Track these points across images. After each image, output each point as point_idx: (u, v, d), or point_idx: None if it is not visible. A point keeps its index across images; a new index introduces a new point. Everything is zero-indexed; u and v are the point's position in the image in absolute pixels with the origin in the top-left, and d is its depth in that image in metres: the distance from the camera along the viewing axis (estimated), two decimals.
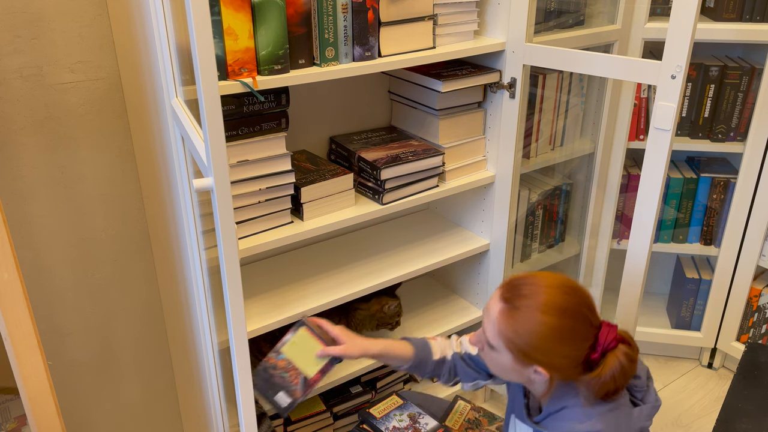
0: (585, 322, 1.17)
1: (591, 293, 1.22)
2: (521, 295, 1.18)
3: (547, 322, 1.15)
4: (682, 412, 2.13)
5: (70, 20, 1.43)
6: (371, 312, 1.73)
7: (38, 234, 1.55)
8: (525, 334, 1.16)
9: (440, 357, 1.48)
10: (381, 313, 1.73)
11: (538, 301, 1.16)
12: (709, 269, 2.28)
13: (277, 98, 1.43)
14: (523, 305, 1.17)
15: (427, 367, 1.47)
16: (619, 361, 1.15)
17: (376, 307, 1.73)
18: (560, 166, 2.13)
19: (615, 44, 1.92)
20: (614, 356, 1.16)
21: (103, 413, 1.79)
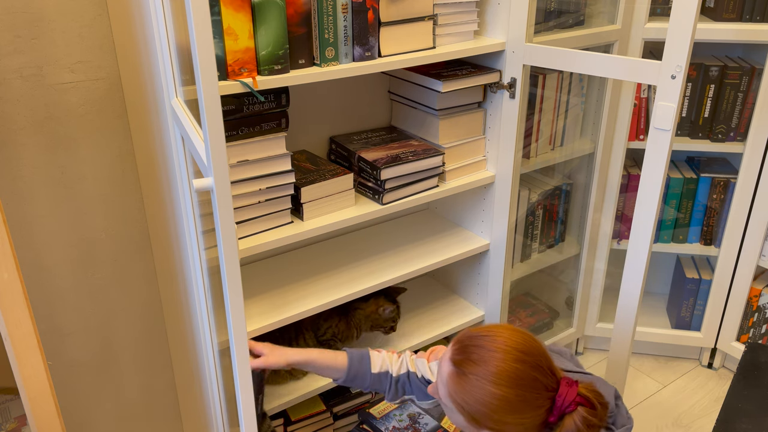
0: (539, 389, 1.11)
1: (545, 350, 1.16)
2: (471, 360, 1.13)
3: (497, 395, 1.10)
4: (682, 412, 2.13)
5: (70, 20, 1.43)
6: (367, 312, 1.73)
7: (38, 234, 1.55)
8: (474, 403, 1.11)
9: (381, 371, 1.40)
10: (375, 315, 1.72)
11: (488, 371, 1.10)
12: (709, 269, 2.28)
13: (277, 98, 1.43)
14: (473, 373, 1.12)
15: (365, 380, 1.40)
16: (576, 425, 1.09)
17: (372, 308, 1.72)
18: (560, 166, 2.13)
19: (615, 44, 1.92)
20: (571, 419, 1.10)
21: (103, 413, 1.79)
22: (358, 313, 1.73)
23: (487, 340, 1.14)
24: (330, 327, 1.72)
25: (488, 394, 1.10)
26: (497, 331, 1.15)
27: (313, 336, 1.72)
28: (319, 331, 1.73)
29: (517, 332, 1.15)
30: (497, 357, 1.11)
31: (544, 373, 1.12)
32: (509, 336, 1.14)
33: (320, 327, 1.73)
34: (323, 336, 1.73)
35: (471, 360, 1.13)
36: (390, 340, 1.84)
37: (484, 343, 1.13)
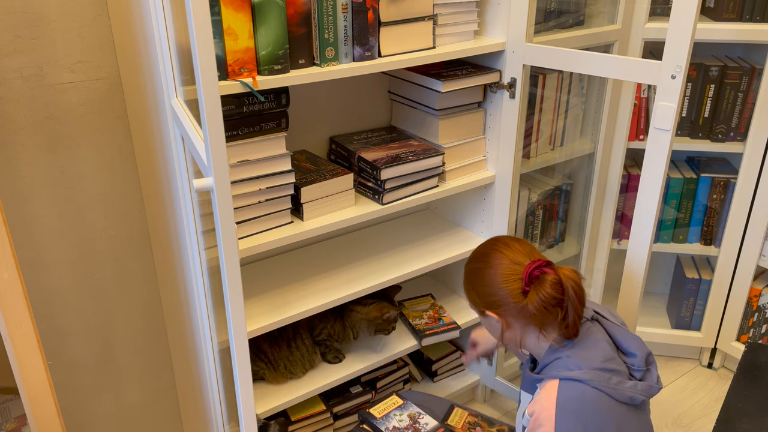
0: (503, 260, 1.31)
1: (529, 242, 1.39)
2: (468, 259, 1.42)
3: (469, 269, 1.39)
4: (682, 412, 2.13)
5: (70, 20, 1.43)
6: (370, 317, 1.72)
7: (38, 234, 1.55)
8: (466, 286, 1.39)
9: None
10: (380, 320, 1.72)
11: (472, 257, 1.41)
12: (709, 269, 2.28)
13: (277, 98, 1.43)
14: (466, 265, 1.42)
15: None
16: (539, 290, 1.25)
17: (376, 314, 1.71)
18: (560, 166, 2.13)
19: (615, 44, 1.92)
20: (535, 286, 1.27)
21: (103, 413, 1.79)
22: (354, 315, 1.72)
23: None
24: (325, 328, 1.72)
25: (465, 271, 1.40)
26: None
27: (309, 336, 1.72)
28: (315, 332, 1.73)
29: (510, 237, 1.41)
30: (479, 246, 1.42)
31: (513, 249, 1.33)
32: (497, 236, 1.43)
33: (315, 327, 1.72)
34: (318, 336, 1.73)
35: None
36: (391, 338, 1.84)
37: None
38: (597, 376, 1.22)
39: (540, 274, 1.26)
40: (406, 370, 2.01)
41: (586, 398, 1.21)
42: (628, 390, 1.23)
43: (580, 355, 1.26)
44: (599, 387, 1.21)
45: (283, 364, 1.67)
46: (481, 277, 1.34)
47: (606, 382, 1.22)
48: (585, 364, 1.24)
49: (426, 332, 1.84)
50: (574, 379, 1.22)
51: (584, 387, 1.22)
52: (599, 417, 1.21)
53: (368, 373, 1.92)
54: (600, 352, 1.26)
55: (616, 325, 1.35)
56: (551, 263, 1.29)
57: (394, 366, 1.99)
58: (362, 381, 1.92)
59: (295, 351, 1.69)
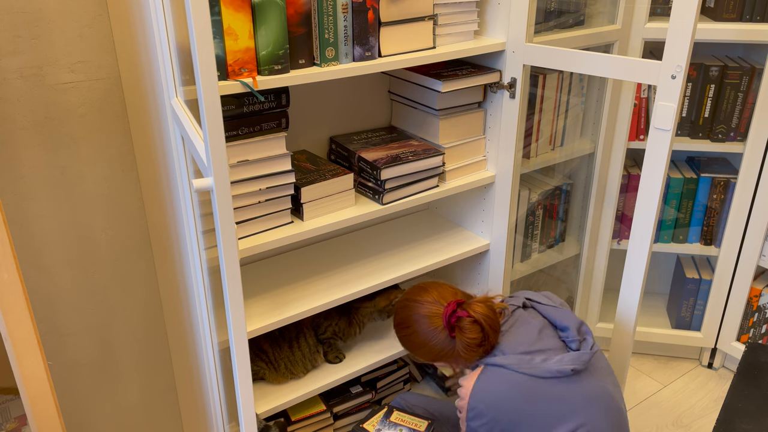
0: (422, 321, 1.44)
1: (442, 283, 1.51)
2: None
3: (400, 337, 1.51)
4: (682, 412, 2.13)
5: (70, 20, 1.43)
6: (380, 307, 1.77)
7: (38, 234, 1.55)
8: (408, 350, 1.52)
9: None
10: (390, 306, 1.78)
11: (395, 324, 1.53)
12: (709, 269, 2.28)
13: (277, 98, 1.43)
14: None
15: None
16: (460, 337, 1.40)
17: (384, 303, 1.77)
18: (560, 166, 2.13)
19: (615, 44, 1.92)
20: (458, 332, 1.41)
21: (103, 413, 1.80)
22: (363, 310, 1.75)
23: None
24: (330, 325, 1.73)
25: (400, 340, 1.52)
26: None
27: (313, 335, 1.72)
28: (320, 330, 1.73)
29: (414, 289, 1.52)
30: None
31: (429, 306, 1.45)
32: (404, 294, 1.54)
33: (320, 325, 1.73)
34: (323, 334, 1.73)
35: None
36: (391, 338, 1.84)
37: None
38: (518, 360, 1.36)
39: (456, 320, 1.40)
40: (406, 370, 2.01)
41: (505, 380, 1.36)
42: (554, 365, 1.35)
43: (504, 344, 1.41)
44: (520, 370, 1.35)
45: (284, 364, 1.67)
46: (413, 342, 1.47)
47: (527, 364, 1.36)
48: (510, 350, 1.39)
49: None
50: (496, 364, 1.38)
51: (504, 371, 1.37)
52: (515, 394, 1.35)
53: (368, 373, 1.92)
54: (523, 337, 1.41)
55: (550, 306, 1.49)
56: (461, 302, 1.43)
57: (394, 366, 1.99)
58: (362, 381, 1.92)
59: (297, 351, 1.69)
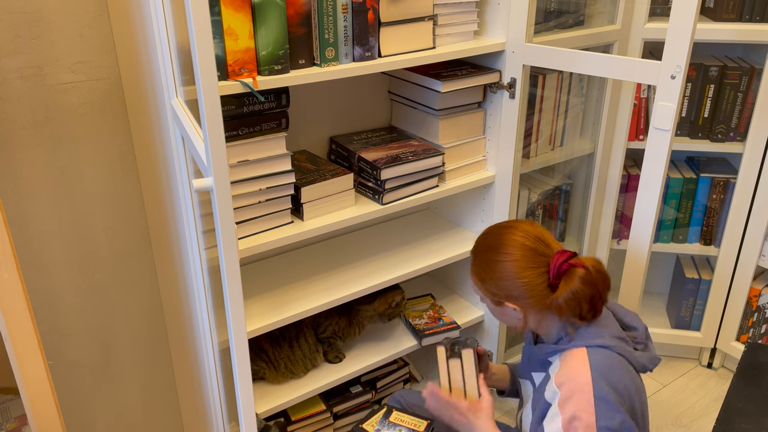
0: (524, 251, 1.27)
1: (540, 225, 1.34)
2: (475, 246, 1.37)
3: (482, 259, 1.32)
4: (682, 412, 2.13)
5: (70, 20, 1.43)
6: (379, 311, 1.76)
7: (38, 234, 1.55)
8: (481, 277, 1.33)
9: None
10: (390, 310, 1.77)
11: (484, 245, 1.34)
12: (709, 269, 2.28)
13: (277, 98, 1.43)
14: (475, 252, 1.36)
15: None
16: (570, 285, 1.23)
17: (384, 306, 1.76)
18: (560, 166, 2.13)
19: (615, 44, 1.92)
20: (565, 281, 1.24)
21: (103, 413, 1.80)
22: (363, 313, 1.75)
23: (491, 228, 1.38)
24: (330, 324, 1.73)
25: (484, 262, 1.32)
26: (502, 222, 1.38)
27: (313, 334, 1.72)
28: (320, 329, 1.73)
29: (521, 222, 1.35)
30: (487, 235, 1.36)
31: (536, 240, 1.28)
32: (509, 222, 1.37)
33: (320, 324, 1.73)
34: (323, 333, 1.73)
35: (476, 245, 1.38)
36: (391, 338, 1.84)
37: (488, 231, 1.38)
38: (618, 343, 1.26)
39: (569, 268, 1.24)
40: (406, 370, 2.01)
41: (615, 363, 1.24)
42: (641, 358, 1.28)
43: (596, 326, 1.28)
44: (622, 353, 1.25)
45: (284, 363, 1.67)
46: (498, 269, 1.28)
47: (625, 349, 1.26)
48: (607, 333, 1.26)
49: (426, 332, 1.84)
50: (601, 345, 1.24)
51: (611, 353, 1.24)
52: (626, 380, 1.23)
53: (368, 373, 1.92)
54: (613, 325, 1.30)
55: (614, 302, 1.41)
56: (575, 254, 1.27)
57: (394, 366, 1.99)
58: (362, 381, 1.92)
59: (297, 350, 1.69)
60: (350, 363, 1.76)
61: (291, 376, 1.69)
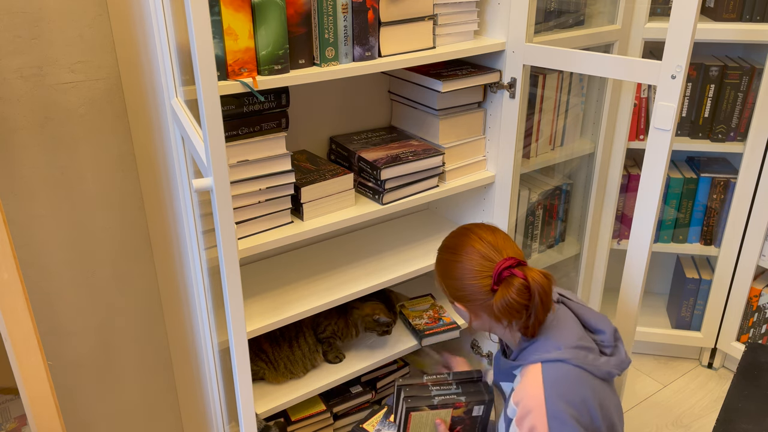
0: (474, 255, 1.29)
1: (509, 237, 1.35)
2: (442, 243, 1.41)
3: (440, 258, 1.37)
4: (682, 412, 2.13)
5: (70, 20, 1.43)
6: (363, 314, 1.73)
7: (38, 234, 1.55)
8: (437, 274, 1.38)
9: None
10: (369, 319, 1.73)
11: (445, 244, 1.38)
12: (709, 269, 2.28)
13: (277, 98, 1.43)
14: (439, 249, 1.40)
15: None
16: (504, 292, 1.23)
17: (368, 311, 1.73)
18: (560, 166, 2.13)
19: (615, 44, 1.92)
20: (502, 288, 1.25)
21: (103, 413, 1.80)
22: (355, 312, 1.74)
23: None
24: (329, 325, 1.73)
25: (436, 261, 1.39)
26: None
27: (312, 334, 1.72)
28: (319, 329, 1.73)
29: (483, 225, 1.38)
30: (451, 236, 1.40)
31: (487, 245, 1.30)
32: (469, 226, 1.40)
33: (320, 324, 1.73)
34: (323, 333, 1.73)
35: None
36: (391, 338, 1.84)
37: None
38: (575, 354, 1.24)
39: (508, 276, 1.25)
40: (406, 370, 2.01)
41: (570, 377, 1.22)
42: (603, 365, 1.25)
43: (557, 336, 1.27)
44: (579, 365, 1.23)
45: (284, 363, 1.67)
46: (451, 269, 1.33)
47: (584, 359, 1.24)
48: (563, 343, 1.25)
49: (426, 332, 1.84)
50: (556, 359, 1.23)
51: (566, 366, 1.23)
52: (584, 394, 1.22)
53: (368, 373, 1.92)
54: (572, 331, 1.28)
55: (581, 305, 1.38)
56: (523, 262, 1.28)
57: (394, 366, 1.99)
58: (362, 381, 1.92)
59: (297, 350, 1.69)
60: (350, 363, 1.76)
61: (291, 376, 1.69)
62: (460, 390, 1.51)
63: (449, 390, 1.51)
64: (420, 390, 1.50)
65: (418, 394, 1.48)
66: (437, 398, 1.49)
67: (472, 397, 1.49)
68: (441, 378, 1.54)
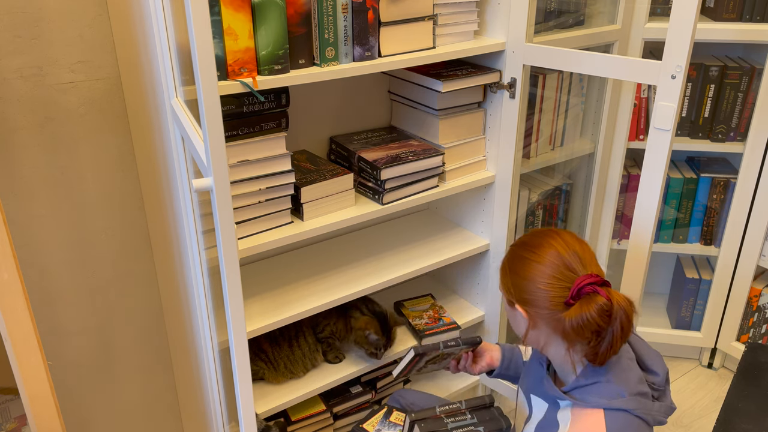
0: (556, 260, 1.18)
1: (594, 254, 1.24)
2: (516, 240, 1.31)
3: (515, 254, 1.25)
4: (682, 412, 2.13)
5: (70, 20, 1.43)
6: (357, 326, 1.71)
7: (38, 234, 1.55)
8: (506, 269, 1.26)
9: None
10: (361, 332, 1.70)
11: (522, 241, 1.27)
12: (709, 269, 2.28)
13: (277, 98, 1.43)
14: (513, 245, 1.30)
15: (519, 368, 1.52)
16: (583, 309, 1.13)
17: (361, 325, 1.70)
18: (560, 166, 2.13)
19: (615, 44, 1.92)
20: (581, 303, 1.14)
21: (103, 413, 1.80)
22: (351, 320, 1.73)
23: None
24: (328, 325, 1.73)
25: (508, 257, 1.26)
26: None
27: (312, 333, 1.72)
28: (318, 328, 1.73)
29: (571, 233, 1.27)
30: (526, 235, 1.29)
31: (571, 253, 1.19)
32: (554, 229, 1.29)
33: (319, 324, 1.73)
34: (321, 333, 1.73)
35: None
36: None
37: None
38: (638, 403, 1.16)
39: (591, 293, 1.14)
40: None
41: (632, 429, 1.15)
42: (656, 413, 1.19)
43: (620, 378, 1.18)
44: (640, 415, 1.16)
45: (284, 363, 1.67)
46: (524, 268, 1.21)
47: (644, 408, 1.16)
48: (626, 390, 1.17)
49: (426, 332, 1.84)
50: (620, 408, 1.15)
51: (629, 417, 1.15)
52: None
53: (368, 373, 1.92)
54: (635, 374, 1.20)
55: (637, 338, 1.30)
56: (607, 283, 1.18)
57: (394, 366, 1.99)
58: (362, 381, 1.92)
59: (297, 350, 1.69)
60: (350, 363, 1.76)
61: (290, 376, 1.69)
62: (476, 420, 1.46)
63: (465, 420, 1.47)
64: (434, 423, 1.44)
65: (434, 429, 1.43)
66: (454, 431, 1.44)
67: (488, 425, 1.45)
68: (454, 408, 1.50)
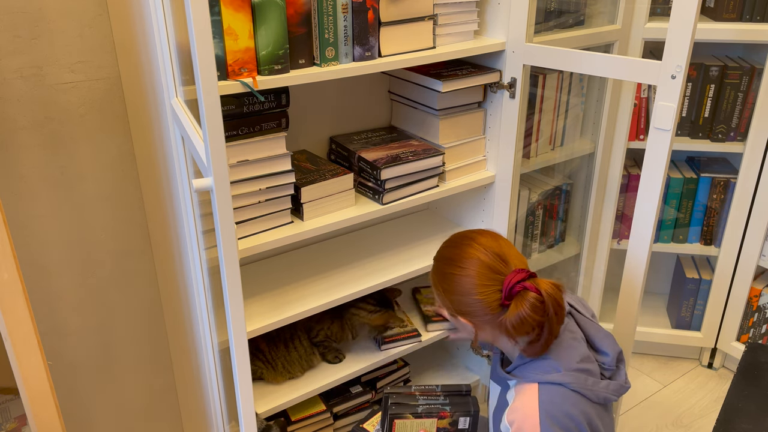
0: (480, 268, 1.23)
1: (511, 243, 1.30)
2: (436, 254, 1.36)
3: (441, 271, 1.30)
4: (682, 412, 2.13)
5: (70, 20, 1.43)
6: (374, 324, 1.75)
7: (38, 234, 1.55)
8: (437, 287, 1.31)
9: None
10: (382, 328, 1.78)
11: (443, 256, 1.31)
12: (709, 269, 2.28)
13: (277, 98, 1.43)
14: (435, 261, 1.34)
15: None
16: (518, 308, 1.18)
17: (381, 322, 1.75)
18: (560, 166, 2.13)
19: (615, 44, 1.92)
20: (515, 303, 1.19)
21: (103, 413, 1.80)
22: (356, 318, 1.73)
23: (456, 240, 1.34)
24: (322, 329, 1.72)
25: (436, 273, 1.32)
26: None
27: (306, 337, 1.72)
28: (312, 333, 1.73)
29: (484, 232, 1.32)
30: (443, 245, 1.34)
31: (495, 259, 1.24)
32: (471, 233, 1.33)
33: (312, 329, 1.72)
34: (316, 338, 1.73)
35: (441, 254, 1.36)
36: None
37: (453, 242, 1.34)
38: (575, 378, 1.20)
39: (521, 290, 1.20)
40: (406, 370, 2.01)
41: (567, 402, 1.19)
42: (602, 390, 1.22)
43: (559, 355, 1.23)
44: (577, 389, 1.20)
45: (281, 363, 1.67)
46: (455, 284, 1.26)
47: (583, 383, 1.21)
48: (563, 365, 1.21)
49: (433, 318, 1.88)
50: (554, 382, 1.20)
51: (564, 390, 1.20)
52: (578, 420, 1.19)
53: (368, 373, 1.92)
54: (576, 351, 1.25)
55: (588, 320, 1.34)
56: (533, 274, 1.23)
57: (394, 366, 1.99)
58: (362, 381, 1.92)
59: (293, 351, 1.69)
60: (350, 363, 1.76)
61: (289, 375, 1.69)
62: (447, 401, 1.51)
63: (436, 400, 1.52)
64: (406, 398, 1.51)
65: (404, 402, 1.49)
66: (422, 407, 1.49)
67: (457, 408, 1.49)
68: (429, 389, 1.55)
